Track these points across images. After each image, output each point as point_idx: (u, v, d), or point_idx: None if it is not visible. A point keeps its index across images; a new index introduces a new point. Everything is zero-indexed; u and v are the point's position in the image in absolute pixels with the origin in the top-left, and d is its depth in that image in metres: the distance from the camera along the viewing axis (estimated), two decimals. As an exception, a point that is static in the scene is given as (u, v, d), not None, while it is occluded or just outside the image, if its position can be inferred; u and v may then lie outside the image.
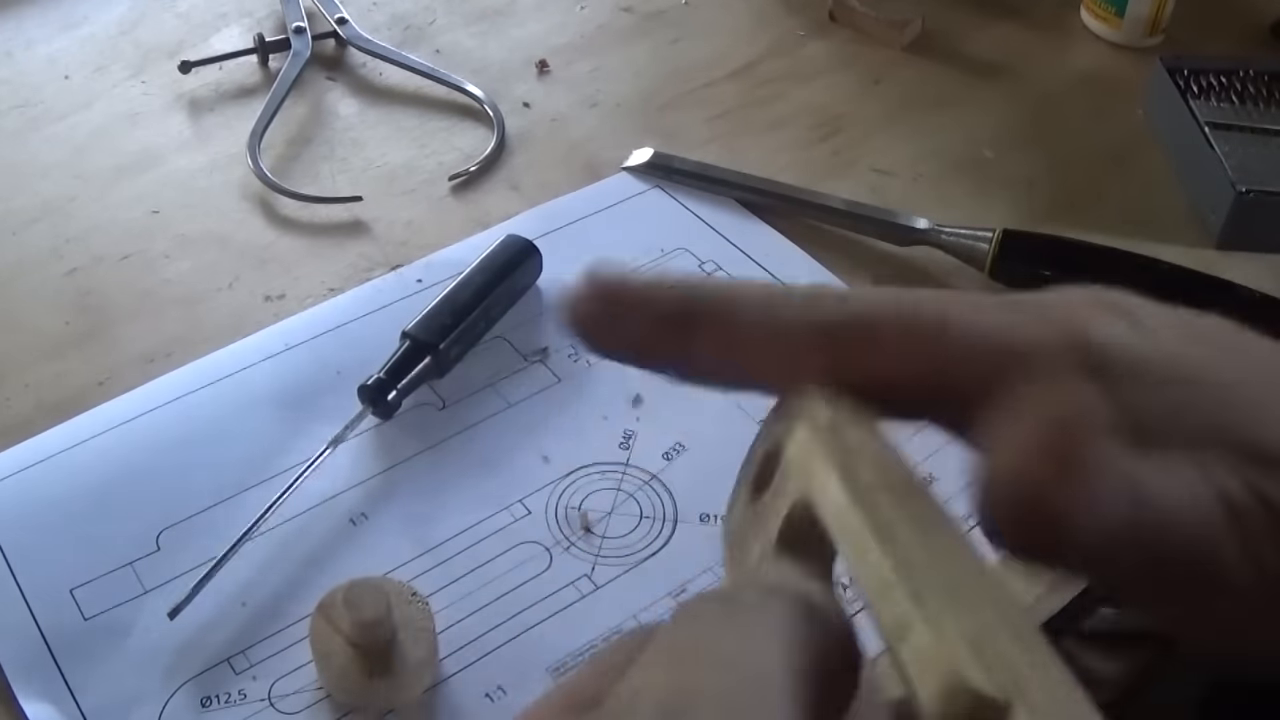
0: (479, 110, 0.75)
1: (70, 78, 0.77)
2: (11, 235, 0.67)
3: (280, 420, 0.57)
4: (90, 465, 0.55)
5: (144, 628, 0.49)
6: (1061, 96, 0.78)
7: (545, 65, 0.78)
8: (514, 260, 0.62)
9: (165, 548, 0.52)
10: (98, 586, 0.50)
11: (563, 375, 0.59)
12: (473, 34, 0.81)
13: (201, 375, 0.59)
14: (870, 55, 0.81)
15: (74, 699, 0.47)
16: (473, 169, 0.71)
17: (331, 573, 0.51)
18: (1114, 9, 0.81)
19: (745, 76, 0.79)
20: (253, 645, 0.49)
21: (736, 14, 0.84)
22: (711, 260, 0.65)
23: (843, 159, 0.73)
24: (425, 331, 0.58)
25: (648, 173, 0.71)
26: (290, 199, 0.68)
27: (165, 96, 0.76)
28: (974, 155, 0.73)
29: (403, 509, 0.54)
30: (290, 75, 0.75)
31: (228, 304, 0.63)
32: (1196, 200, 0.70)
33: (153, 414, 0.57)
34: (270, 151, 0.71)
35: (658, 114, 0.76)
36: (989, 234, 0.64)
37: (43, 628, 0.49)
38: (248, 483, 0.54)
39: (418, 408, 0.58)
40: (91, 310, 0.63)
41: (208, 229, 0.67)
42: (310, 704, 0.47)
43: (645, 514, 0.54)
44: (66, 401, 0.58)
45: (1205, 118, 0.71)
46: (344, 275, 0.65)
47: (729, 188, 0.69)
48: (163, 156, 0.72)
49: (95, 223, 0.67)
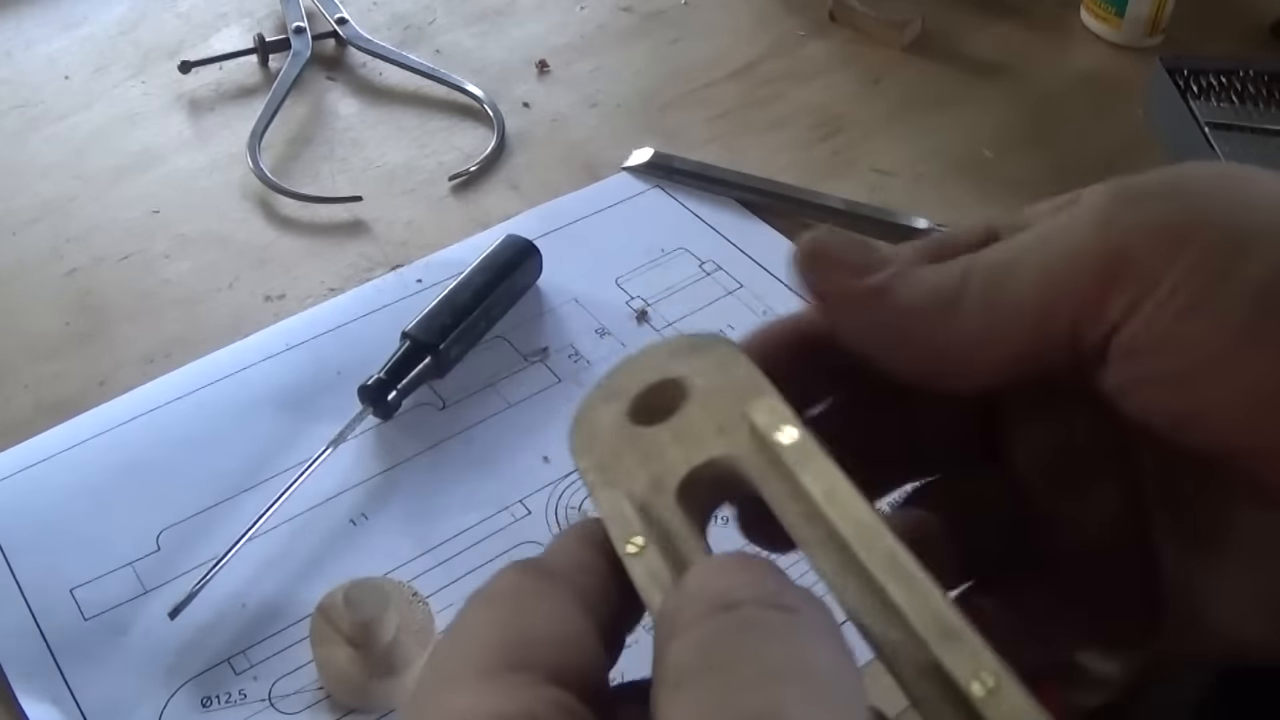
0: (479, 110, 0.75)
1: (70, 78, 0.77)
2: (11, 235, 0.67)
3: (280, 420, 0.57)
4: (90, 465, 0.55)
5: (144, 628, 0.49)
6: (1061, 96, 0.78)
7: (545, 65, 0.78)
8: (514, 260, 0.62)
9: (165, 548, 0.52)
10: (98, 586, 0.50)
11: (563, 375, 0.59)
12: (473, 34, 0.81)
13: (201, 375, 0.59)
14: (870, 55, 0.81)
15: (74, 699, 0.47)
16: (473, 169, 0.71)
17: (332, 573, 0.51)
18: (1114, 9, 0.81)
19: (745, 76, 0.79)
20: (253, 645, 0.49)
21: (736, 14, 0.84)
22: (711, 260, 0.65)
23: (843, 159, 0.73)
24: (425, 332, 0.58)
25: (648, 173, 0.71)
26: (290, 199, 0.68)
27: (165, 96, 0.76)
28: (974, 155, 0.73)
29: (403, 509, 0.54)
30: (290, 75, 0.75)
31: (228, 304, 0.63)
32: (1196, 200, 0.70)
33: (153, 414, 0.57)
34: (270, 151, 0.71)
35: (658, 114, 0.76)
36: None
37: (43, 628, 0.49)
38: (248, 483, 0.54)
39: (418, 408, 0.58)
40: (91, 310, 0.63)
41: (208, 229, 0.67)
42: (311, 704, 0.47)
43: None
44: (66, 402, 0.58)
45: (1205, 118, 0.71)
46: (344, 275, 0.65)
47: (729, 188, 0.69)
48: (163, 156, 0.72)
49: (95, 223, 0.67)
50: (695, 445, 0.26)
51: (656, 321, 0.62)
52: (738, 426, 0.26)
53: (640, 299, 0.63)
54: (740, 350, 0.27)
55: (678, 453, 0.26)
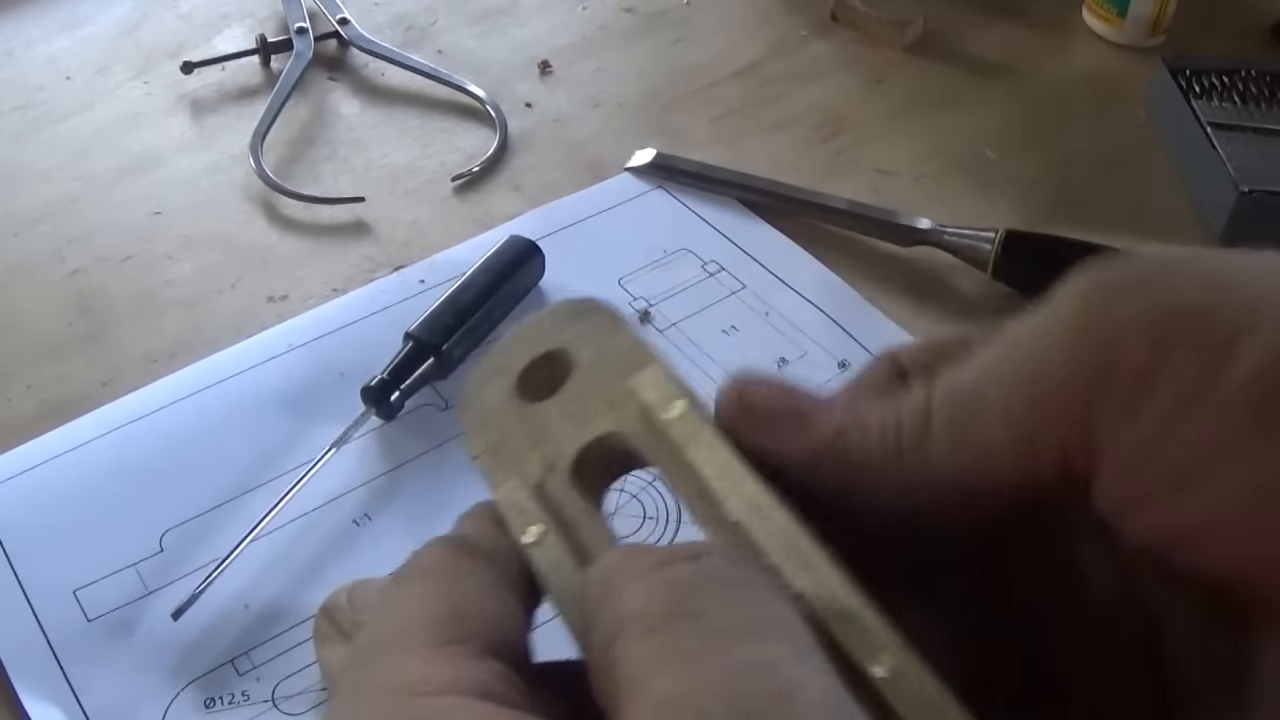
0: (481, 111, 0.75)
1: (72, 79, 0.77)
2: (13, 236, 0.67)
3: (283, 421, 0.57)
4: (93, 466, 0.55)
5: (147, 629, 0.49)
6: (1063, 96, 0.78)
7: (547, 65, 0.78)
8: (517, 261, 0.62)
9: (168, 549, 0.52)
10: (101, 588, 0.50)
11: (565, 376, 0.59)
12: (475, 34, 0.81)
13: (204, 376, 0.59)
14: (872, 55, 0.81)
15: (77, 700, 0.47)
16: (475, 169, 0.71)
17: (335, 574, 0.51)
18: (1116, 9, 0.81)
19: (747, 77, 0.79)
20: (256, 646, 0.49)
21: (738, 14, 0.84)
22: (714, 260, 0.65)
23: (845, 159, 0.73)
24: (428, 332, 0.58)
25: (650, 173, 0.71)
26: (293, 200, 0.68)
27: (167, 97, 0.76)
28: (976, 155, 0.73)
29: (406, 510, 0.54)
30: (292, 76, 0.75)
31: (230, 305, 0.63)
32: (1199, 200, 0.70)
33: (155, 415, 0.57)
34: (273, 152, 0.71)
35: (660, 114, 0.76)
36: (991, 234, 0.64)
37: (46, 629, 0.49)
38: (251, 484, 0.54)
39: (420, 409, 0.58)
40: (94, 311, 0.63)
41: (210, 230, 0.67)
42: (314, 705, 0.47)
43: (648, 515, 0.54)
44: (69, 403, 0.58)
45: (1207, 118, 0.71)
46: (347, 276, 0.65)
47: (731, 188, 0.69)
48: (165, 157, 0.72)
49: (97, 224, 0.67)
50: (584, 421, 0.25)
51: (659, 322, 0.62)
52: (625, 399, 0.25)
53: (643, 299, 0.63)
54: (619, 314, 0.27)
55: (567, 430, 0.26)
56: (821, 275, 0.65)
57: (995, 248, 0.63)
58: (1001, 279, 0.64)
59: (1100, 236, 0.64)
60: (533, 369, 0.27)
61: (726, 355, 0.60)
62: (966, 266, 0.65)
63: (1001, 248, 0.63)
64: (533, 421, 0.26)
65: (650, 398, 0.25)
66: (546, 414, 0.26)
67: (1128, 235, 0.66)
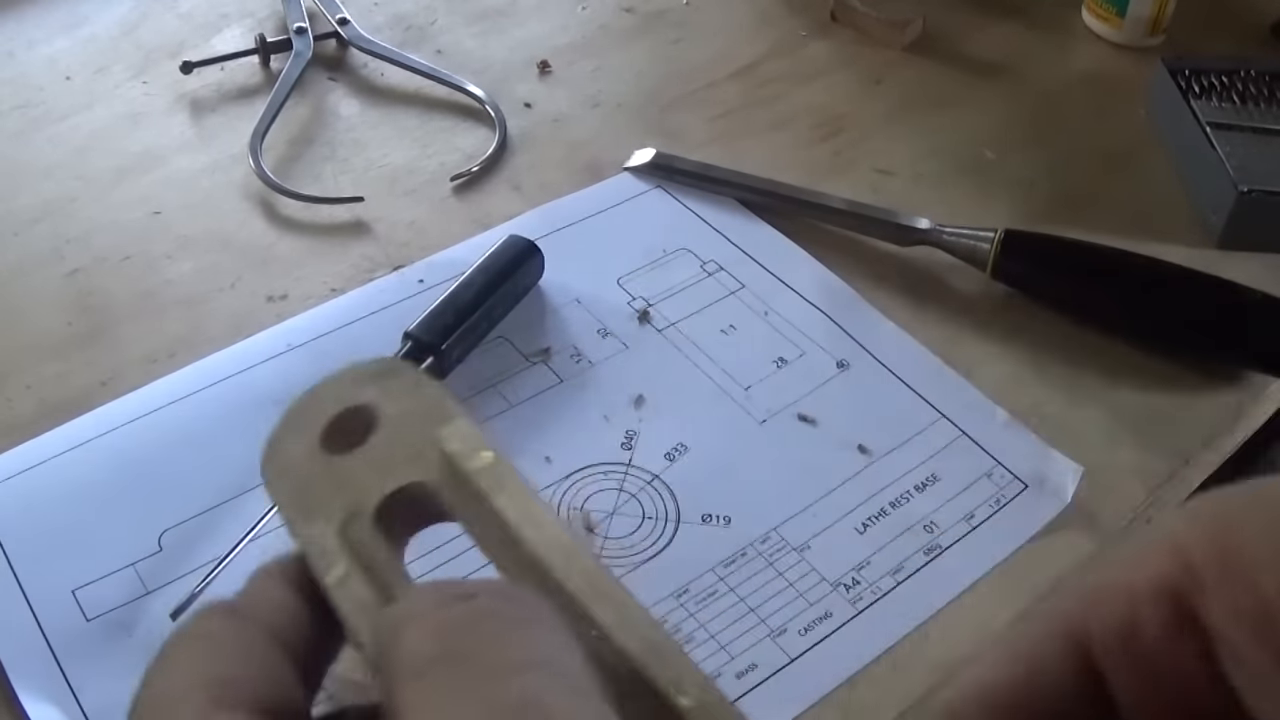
0: (480, 111, 0.75)
1: (72, 78, 0.77)
2: (13, 236, 0.67)
3: (282, 421, 0.57)
4: (92, 466, 0.55)
5: (146, 628, 0.49)
6: (1063, 96, 0.78)
7: (547, 65, 0.79)
8: (516, 261, 0.62)
9: (168, 548, 0.52)
10: (100, 587, 0.50)
11: (565, 376, 0.59)
12: (474, 34, 0.81)
13: (204, 376, 0.59)
14: (871, 55, 0.81)
15: (76, 700, 0.47)
16: (474, 169, 0.71)
17: (334, 573, 0.51)
18: (1115, 9, 0.81)
19: (747, 77, 0.79)
20: (255, 646, 0.49)
21: (738, 14, 0.84)
22: (713, 260, 0.65)
23: (844, 159, 0.73)
24: (427, 332, 0.58)
25: (649, 173, 0.71)
26: (292, 199, 0.68)
27: (167, 97, 0.76)
28: (975, 155, 0.73)
29: (405, 509, 0.54)
30: (292, 76, 0.75)
31: (230, 305, 0.63)
32: (1198, 200, 0.70)
33: (155, 415, 0.57)
34: (272, 152, 0.71)
35: (659, 114, 0.76)
36: (990, 234, 0.64)
37: (45, 628, 0.49)
38: (250, 484, 0.54)
39: (420, 408, 0.57)
40: (93, 311, 0.63)
41: (209, 229, 0.67)
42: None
43: (647, 514, 0.54)
44: (68, 402, 0.58)
45: (1207, 118, 0.71)
46: (346, 276, 0.65)
47: (730, 188, 0.69)
48: (164, 157, 0.72)
49: (97, 223, 0.67)
50: (388, 472, 0.26)
51: (658, 322, 0.62)
52: (429, 452, 0.26)
53: (642, 299, 0.63)
54: (421, 373, 0.27)
55: (371, 479, 0.26)
56: (820, 275, 0.65)
57: (994, 247, 0.63)
58: (1001, 279, 0.64)
59: (1099, 236, 0.64)
60: (336, 423, 0.27)
61: (725, 355, 0.60)
62: (965, 266, 0.65)
63: (1000, 247, 0.63)
64: (336, 473, 0.26)
65: (456, 448, 0.25)
66: (350, 465, 0.26)
67: (1127, 235, 0.66)
